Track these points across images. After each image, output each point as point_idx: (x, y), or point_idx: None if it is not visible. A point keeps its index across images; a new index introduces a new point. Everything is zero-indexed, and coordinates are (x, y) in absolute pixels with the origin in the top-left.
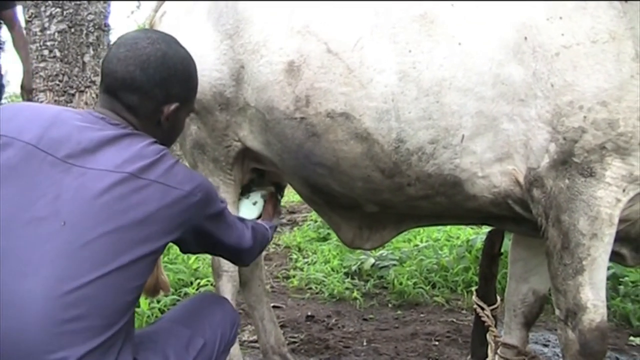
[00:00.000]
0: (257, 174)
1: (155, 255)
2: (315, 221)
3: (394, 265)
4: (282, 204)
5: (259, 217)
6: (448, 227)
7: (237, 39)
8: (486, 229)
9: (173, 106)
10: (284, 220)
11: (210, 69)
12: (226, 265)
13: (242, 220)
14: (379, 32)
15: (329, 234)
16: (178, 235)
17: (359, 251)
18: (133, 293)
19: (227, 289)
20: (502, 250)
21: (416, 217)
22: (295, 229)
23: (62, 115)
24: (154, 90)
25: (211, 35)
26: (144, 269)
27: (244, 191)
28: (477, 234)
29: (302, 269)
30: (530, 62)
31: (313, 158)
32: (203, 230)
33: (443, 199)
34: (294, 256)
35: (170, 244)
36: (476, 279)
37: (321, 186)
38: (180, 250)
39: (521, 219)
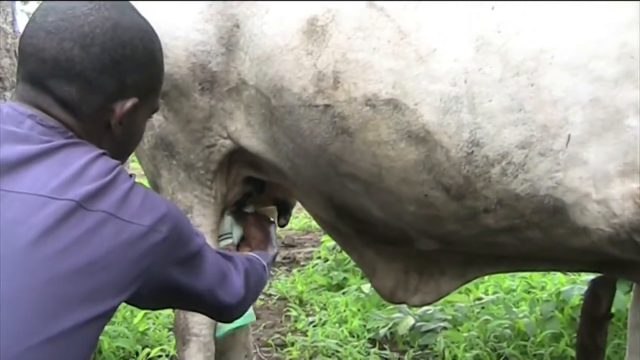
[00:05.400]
0: (254, 186)
1: (102, 321)
2: (325, 260)
3: (444, 328)
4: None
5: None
6: (528, 272)
7: None
8: (587, 276)
9: (129, 103)
10: (279, 258)
11: (187, 29)
12: (196, 327)
13: (228, 257)
14: None
15: (345, 279)
16: (134, 291)
17: (391, 307)
18: None
19: None
20: (613, 309)
21: (493, 259)
22: (294, 271)
23: None
24: (100, 79)
25: None
26: (85, 342)
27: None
28: (574, 284)
29: (305, 333)
30: None
31: (342, 166)
32: (170, 282)
33: (537, 233)
34: (293, 312)
35: None
36: (572, 352)
37: (352, 209)
38: (135, 305)
39: None
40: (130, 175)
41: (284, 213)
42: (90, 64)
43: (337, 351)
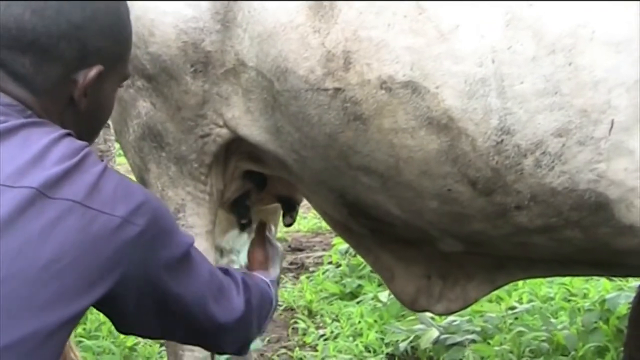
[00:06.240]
0: (254, 182)
1: (69, 327)
2: (337, 265)
3: (473, 341)
4: (281, 235)
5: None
6: (567, 277)
7: None
8: (635, 282)
9: (93, 71)
10: (285, 264)
11: (176, 3)
12: None
13: (224, 270)
14: None
15: (359, 287)
16: (103, 293)
17: (411, 318)
18: None
19: None
20: None
21: (526, 262)
22: (302, 277)
23: None
24: (58, 46)
25: None
26: (49, 351)
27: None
28: (620, 290)
29: (314, 348)
30: None
31: (355, 158)
32: (153, 289)
33: (576, 233)
34: (301, 324)
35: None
36: None
37: (366, 206)
38: (117, 327)
39: None
40: (102, 160)
41: (289, 211)
42: (45, 30)
43: None
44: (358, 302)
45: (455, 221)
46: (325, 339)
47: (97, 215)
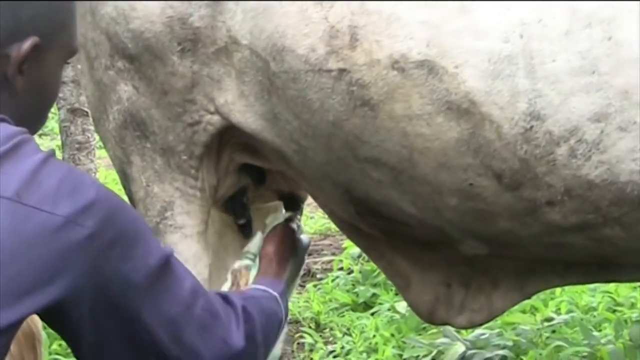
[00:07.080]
0: (251, 176)
1: (1, 340)
2: (349, 271)
3: (504, 358)
4: None
5: None
6: (612, 284)
7: None
8: None
9: (28, 43)
10: None
11: None
12: None
13: (224, 297)
14: None
15: (374, 295)
16: (45, 304)
17: (434, 330)
18: None
19: None
20: None
21: (561, 266)
22: (309, 286)
23: None
24: None
25: None
26: None
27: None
28: None
29: None
30: None
31: (362, 149)
32: (112, 310)
33: (617, 232)
34: (308, 339)
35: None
36: None
37: (376, 203)
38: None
39: None
40: (52, 152)
41: (293, 209)
42: None
43: None
44: (372, 314)
45: (478, 220)
46: (336, 356)
47: (33, 212)
